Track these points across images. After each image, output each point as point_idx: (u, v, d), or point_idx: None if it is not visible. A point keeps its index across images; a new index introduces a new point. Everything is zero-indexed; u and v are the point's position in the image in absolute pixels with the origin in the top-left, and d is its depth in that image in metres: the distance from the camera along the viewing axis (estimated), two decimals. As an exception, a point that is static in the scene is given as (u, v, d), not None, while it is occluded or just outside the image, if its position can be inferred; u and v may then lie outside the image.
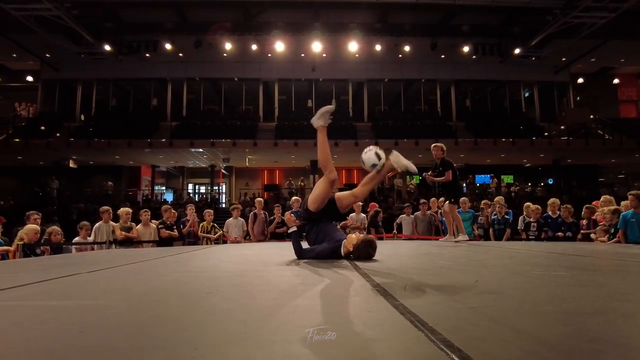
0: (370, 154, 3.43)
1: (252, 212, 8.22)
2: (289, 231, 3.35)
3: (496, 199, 7.95)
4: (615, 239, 5.54)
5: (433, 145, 6.02)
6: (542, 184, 24.00)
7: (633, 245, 5.01)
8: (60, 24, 15.33)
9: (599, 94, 23.75)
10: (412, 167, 3.55)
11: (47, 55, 19.44)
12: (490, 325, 1.16)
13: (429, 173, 5.98)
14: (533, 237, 6.96)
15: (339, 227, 7.63)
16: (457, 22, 18.20)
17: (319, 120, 3.26)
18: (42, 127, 19.28)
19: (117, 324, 1.25)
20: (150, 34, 18.10)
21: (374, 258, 3.05)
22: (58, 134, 19.17)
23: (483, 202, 8.48)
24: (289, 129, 19.79)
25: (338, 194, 3.45)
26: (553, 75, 21.84)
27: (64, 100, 21.65)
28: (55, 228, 6.20)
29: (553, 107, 22.53)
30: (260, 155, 20.92)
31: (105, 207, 6.90)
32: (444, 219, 7.21)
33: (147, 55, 19.40)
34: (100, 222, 6.66)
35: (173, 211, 7.52)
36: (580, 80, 23.47)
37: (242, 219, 8.13)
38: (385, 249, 4.07)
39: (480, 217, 8.10)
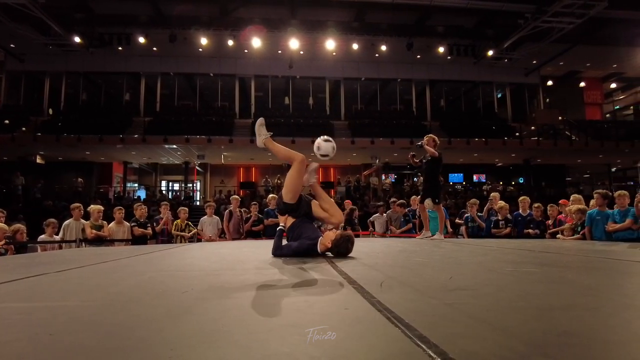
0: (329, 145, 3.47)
1: (227, 210, 8.12)
2: (277, 228, 3.36)
3: (472, 200, 8.15)
4: (578, 235, 5.77)
5: (426, 137, 6.11)
6: (513, 182, 24.75)
7: (597, 242, 5.23)
8: (27, 13, 14.67)
9: (566, 96, 24.65)
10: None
11: (12, 45, 18.58)
12: (466, 321, 1.19)
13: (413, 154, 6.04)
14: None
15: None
16: (432, 23, 18.48)
17: (260, 136, 3.48)
18: (6, 121, 18.43)
19: (90, 325, 1.21)
20: (123, 26, 17.57)
21: (350, 255, 3.06)
22: (24, 129, 18.40)
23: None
24: (265, 125, 19.62)
25: (318, 212, 3.39)
26: (524, 77, 22.51)
27: (30, 93, 20.83)
28: (20, 226, 5.95)
29: (524, 108, 23.22)
30: (236, 152, 20.69)
31: (76, 204, 6.66)
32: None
33: (120, 48, 18.82)
34: (70, 220, 6.42)
35: (143, 207, 7.37)
36: (550, 83, 24.30)
37: (217, 217, 8.03)
38: (361, 246, 4.09)
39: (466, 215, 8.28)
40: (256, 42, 18.01)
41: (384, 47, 18.83)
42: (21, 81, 20.58)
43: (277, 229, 3.37)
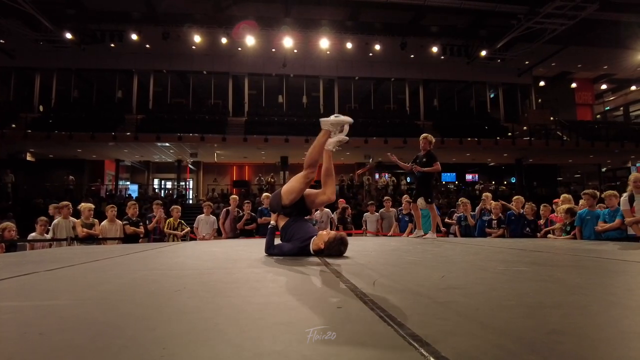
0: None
1: (225, 209, 8.15)
2: (269, 226, 3.33)
3: (461, 199, 8.25)
4: (569, 235, 5.83)
5: (422, 136, 6.00)
6: (505, 182, 24.93)
7: (586, 241, 5.29)
8: (16, 8, 14.47)
9: (558, 96, 24.89)
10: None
11: (2, 41, 18.35)
12: (457, 319, 1.20)
13: (414, 165, 5.88)
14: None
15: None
16: (426, 23, 18.55)
17: (331, 125, 3.22)
18: (-4, 118, 18.26)
19: (81, 324, 1.20)
20: (116, 23, 17.42)
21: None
22: (14, 125, 18.19)
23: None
24: (259, 124, 19.62)
25: (308, 191, 3.38)
26: (516, 77, 22.70)
27: (21, 90, 20.62)
28: (9, 224, 5.87)
29: (516, 108, 23.42)
30: (229, 151, 20.62)
31: (65, 202, 6.55)
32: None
33: (112, 45, 18.67)
34: (59, 218, 6.33)
35: (135, 205, 7.33)
36: (542, 83, 24.53)
37: (214, 217, 8.03)
38: (354, 245, 4.09)
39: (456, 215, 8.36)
40: (250, 40, 17.94)
41: (377, 47, 18.86)
42: (11, 77, 20.35)
43: (269, 226, 3.34)
